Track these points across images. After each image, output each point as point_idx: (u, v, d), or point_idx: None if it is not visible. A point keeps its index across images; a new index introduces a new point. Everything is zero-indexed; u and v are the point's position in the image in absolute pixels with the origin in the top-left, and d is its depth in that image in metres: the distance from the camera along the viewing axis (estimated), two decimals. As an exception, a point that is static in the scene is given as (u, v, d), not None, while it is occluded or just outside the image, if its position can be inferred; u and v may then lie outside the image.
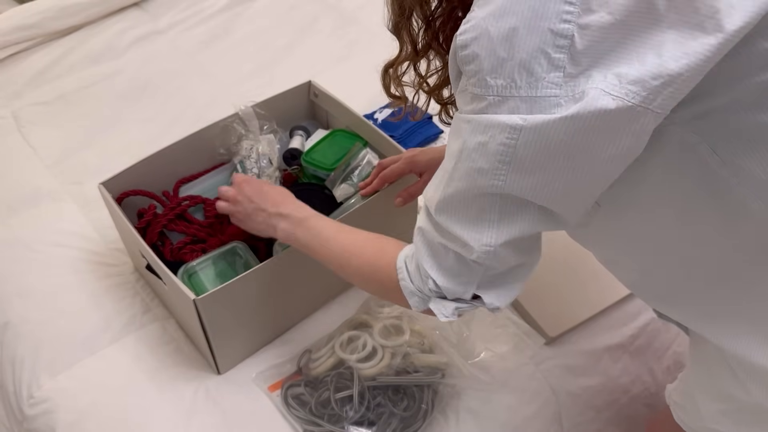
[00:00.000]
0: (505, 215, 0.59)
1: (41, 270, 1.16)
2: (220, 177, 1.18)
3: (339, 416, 0.93)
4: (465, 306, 0.69)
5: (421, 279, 0.69)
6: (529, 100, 0.51)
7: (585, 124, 0.50)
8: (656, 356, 1.13)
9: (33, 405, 1.00)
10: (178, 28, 1.74)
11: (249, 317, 0.99)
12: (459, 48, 0.54)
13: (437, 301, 0.69)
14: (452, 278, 0.67)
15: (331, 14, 1.78)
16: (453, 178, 0.60)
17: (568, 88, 0.50)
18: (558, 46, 0.49)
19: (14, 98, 1.54)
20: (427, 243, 0.67)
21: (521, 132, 0.52)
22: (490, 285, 0.67)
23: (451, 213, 0.62)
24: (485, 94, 0.53)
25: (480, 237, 0.61)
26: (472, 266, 0.64)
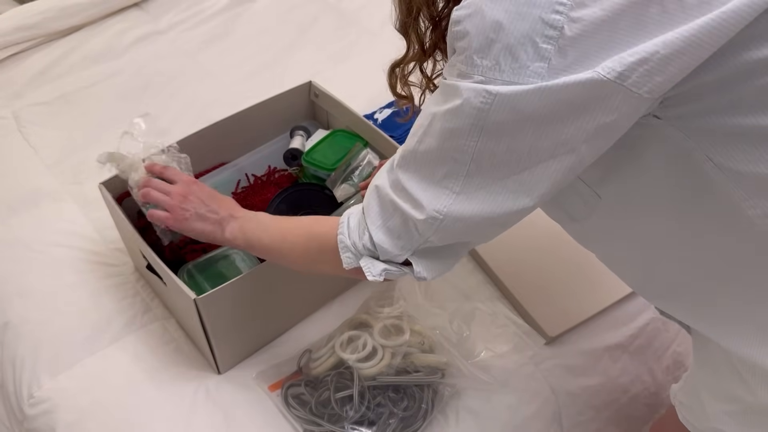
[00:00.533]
0: (467, 189, 0.59)
1: (41, 270, 1.16)
2: (220, 177, 1.18)
3: (339, 416, 0.93)
4: (394, 269, 0.69)
5: (359, 234, 0.69)
6: (510, 83, 0.52)
7: (558, 96, 0.50)
8: (656, 356, 1.13)
9: (33, 405, 1.00)
10: (178, 28, 1.74)
11: (249, 317, 0.99)
12: (453, 23, 0.55)
13: (368, 259, 0.69)
14: (391, 238, 0.66)
15: (331, 14, 1.78)
16: (426, 134, 0.60)
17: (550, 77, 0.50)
18: (546, 36, 0.50)
19: (15, 98, 1.54)
20: (379, 199, 0.67)
21: (496, 97, 0.52)
22: (423, 254, 0.67)
23: (415, 170, 0.62)
24: (471, 72, 0.53)
25: (435, 202, 0.60)
26: (413, 231, 0.64)
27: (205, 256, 1.02)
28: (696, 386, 0.74)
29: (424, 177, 0.61)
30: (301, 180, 1.17)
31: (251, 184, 1.19)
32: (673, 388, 0.80)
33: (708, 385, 0.72)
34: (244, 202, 1.14)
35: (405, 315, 1.05)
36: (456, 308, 1.09)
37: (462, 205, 0.60)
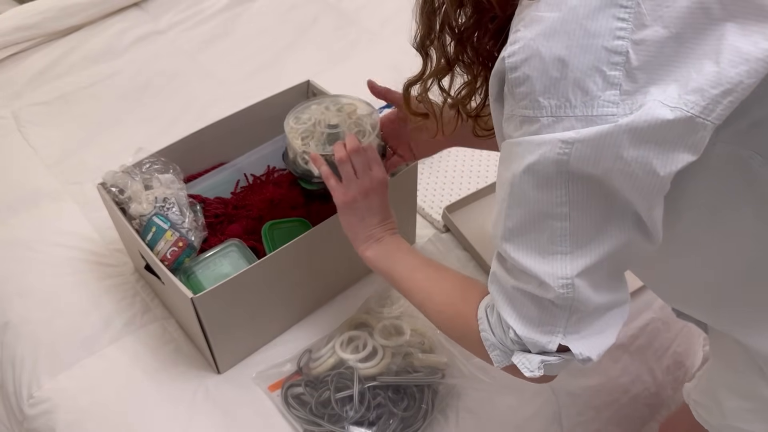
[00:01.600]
0: (576, 241, 0.55)
1: (41, 270, 1.16)
2: (219, 177, 1.18)
3: (339, 416, 0.92)
4: (552, 359, 0.62)
5: (503, 330, 0.64)
6: (584, 119, 0.50)
7: (641, 135, 0.48)
8: (656, 356, 1.13)
9: (33, 405, 1.00)
10: (178, 28, 1.74)
11: (248, 316, 0.99)
12: (509, 70, 0.53)
13: (520, 354, 0.63)
14: (533, 327, 0.61)
15: (331, 14, 1.78)
16: (511, 206, 0.57)
17: (626, 106, 0.49)
18: (613, 63, 0.49)
19: (14, 98, 1.54)
20: (502, 289, 0.63)
21: (573, 145, 0.50)
22: (577, 333, 0.60)
23: (519, 247, 0.58)
24: (538, 115, 0.52)
25: (554, 270, 0.56)
26: (553, 310, 0.59)
27: (203, 256, 1.02)
28: (713, 384, 0.74)
29: (531, 250, 0.57)
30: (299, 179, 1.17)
31: (250, 183, 1.19)
32: (686, 387, 0.80)
33: (727, 382, 0.71)
34: (243, 202, 1.14)
35: (405, 315, 1.05)
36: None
37: (583, 260, 0.55)
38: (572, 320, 0.59)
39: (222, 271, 1.01)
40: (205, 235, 1.04)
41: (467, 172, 1.33)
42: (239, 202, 1.14)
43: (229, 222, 1.10)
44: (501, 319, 0.64)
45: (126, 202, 1.01)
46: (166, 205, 1.00)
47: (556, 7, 0.50)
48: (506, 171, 0.57)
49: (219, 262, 1.02)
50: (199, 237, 1.01)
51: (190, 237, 0.99)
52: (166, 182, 1.02)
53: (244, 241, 1.04)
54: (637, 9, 0.48)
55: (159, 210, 0.99)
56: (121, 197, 1.01)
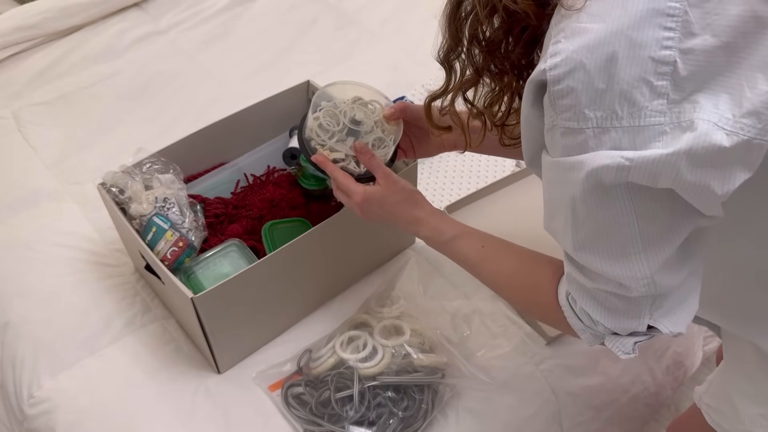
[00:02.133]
0: (648, 241, 0.55)
1: (42, 270, 1.17)
2: (219, 177, 1.18)
3: (339, 416, 0.93)
4: (643, 338, 0.64)
5: (591, 320, 0.65)
6: (631, 131, 0.49)
7: (698, 161, 0.48)
8: (656, 356, 1.13)
9: (33, 405, 1.00)
10: (178, 28, 1.74)
11: (248, 316, 0.99)
12: (551, 83, 0.52)
13: (612, 338, 0.65)
14: (620, 317, 0.63)
15: (331, 14, 1.78)
16: (576, 223, 0.57)
17: (673, 115, 0.48)
18: (660, 74, 0.48)
19: (15, 98, 1.54)
20: (583, 290, 0.64)
21: (630, 169, 0.50)
22: (663, 312, 0.62)
23: (593, 258, 0.59)
24: (583, 127, 0.51)
25: (632, 272, 0.57)
26: (638, 301, 0.61)
27: (203, 256, 1.02)
28: (727, 390, 0.73)
29: (605, 257, 0.58)
30: (299, 179, 1.17)
31: (250, 183, 1.19)
32: (697, 390, 0.80)
33: (742, 389, 0.71)
34: (243, 202, 1.14)
35: (405, 315, 1.05)
36: (456, 308, 1.08)
37: (657, 258, 0.56)
38: (657, 303, 0.61)
39: (222, 271, 1.01)
40: (205, 235, 1.04)
41: (467, 172, 1.33)
42: (239, 202, 1.14)
43: (229, 222, 1.10)
44: (585, 312, 0.65)
45: (126, 202, 1.01)
46: (166, 205, 1.00)
47: (600, 18, 0.49)
48: (560, 192, 0.57)
49: (219, 262, 1.02)
50: (199, 237, 1.02)
51: (191, 237, 0.99)
52: (166, 182, 1.02)
53: (244, 241, 1.04)
54: (684, 17, 0.47)
55: (159, 210, 0.99)
56: (121, 197, 1.01)
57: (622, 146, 0.50)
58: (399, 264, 1.16)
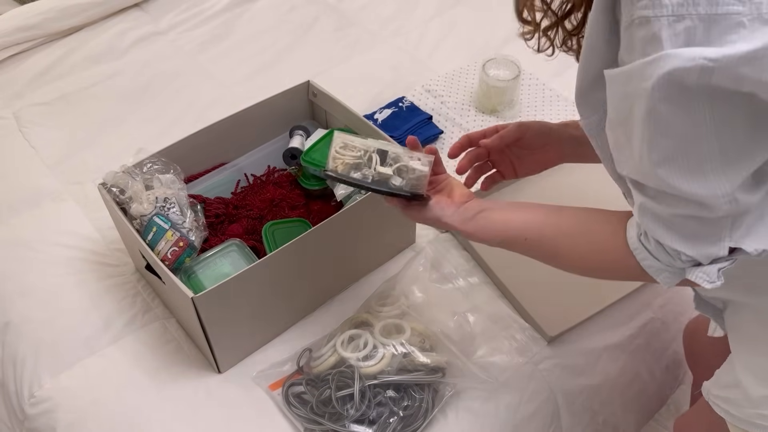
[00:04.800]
0: (727, 156, 0.53)
1: (42, 270, 1.17)
2: (220, 177, 1.18)
3: (340, 415, 0.93)
4: (726, 263, 0.61)
5: (669, 254, 0.62)
6: (707, 19, 0.47)
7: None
8: (655, 356, 1.13)
9: (34, 404, 1.00)
10: (178, 29, 1.75)
11: (248, 315, 0.99)
12: None
13: (694, 270, 0.62)
14: (701, 242, 0.60)
15: (331, 15, 1.79)
16: (653, 138, 0.54)
17: (753, 6, 0.47)
18: None
19: (15, 99, 1.55)
20: (659, 219, 0.61)
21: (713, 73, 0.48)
22: (743, 232, 0.59)
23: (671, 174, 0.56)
24: (659, 14, 0.49)
25: (713, 190, 0.54)
26: (718, 222, 0.58)
27: (203, 256, 1.02)
28: (737, 375, 0.73)
29: (686, 176, 0.55)
30: (299, 179, 1.17)
31: (250, 184, 1.20)
32: (705, 385, 0.79)
33: (752, 371, 0.71)
34: (244, 202, 1.14)
35: (405, 314, 1.05)
36: (456, 307, 1.09)
37: (738, 174, 0.54)
38: (736, 224, 0.58)
39: (222, 270, 1.01)
40: (205, 235, 1.04)
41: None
42: (240, 202, 1.14)
43: (229, 222, 1.11)
44: (662, 245, 0.62)
45: (127, 202, 1.01)
46: (166, 205, 1.00)
47: None
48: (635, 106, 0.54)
49: (219, 262, 1.02)
50: (199, 237, 1.02)
51: (191, 237, 0.99)
52: (166, 182, 1.02)
53: (244, 241, 1.05)
54: None
55: (160, 210, 0.99)
56: (121, 197, 1.02)
57: (696, 39, 0.48)
58: (399, 264, 1.16)
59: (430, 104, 1.48)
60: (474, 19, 1.74)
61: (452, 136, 1.41)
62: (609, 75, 0.57)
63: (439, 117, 1.45)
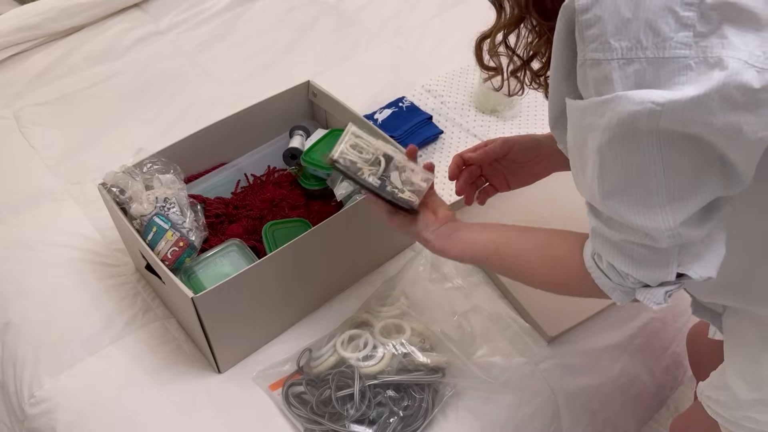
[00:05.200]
0: (673, 193, 0.55)
1: (42, 270, 1.17)
2: (220, 177, 1.18)
3: (340, 414, 0.93)
4: (673, 287, 0.64)
5: (619, 275, 0.65)
6: (655, 62, 0.49)
7: (729, 102, 0.47)
8: (655, 356, 1.13)
9: (34, 404, 1.00)
10: (178, 28, 1.75)
11: (248, 316, 0.99)
12: (579, 12, 0.52)
13: (643, 290, 0.65)
14: (649, 267, 0.62)
15: (331, 15, 1.79)
16: (603, 172, 0.56)
17: (699, 49, 0.48)
18: (686, 4, 0.47)
19: (15, 99, 1.55)
20: (609, 243, 0.63)
21: (660, 117, 0.49)
22: (691, 258, 0.61)
23: (619, 206, 0.58)
24: (609, 57, 0.50)
25: (657, 224, 0.56)
26: (666, 252, 0.60)
27: (203, 256, 1.02)
28: (728, 380, 0.74)
29: (631, 207, 0.57)
30: (299, 179, 1.17)
31: (251, 184, 1.20)
32: (700, 385, 0.80)
33: (742, 375, 0.71)
34: (244, 202, 1.14)
35: (405, 314, 1.05)
36: (456, 307, 1.09)
37: (683, 211, 0.56)
38: (684, 250, 0.60)
39: (222, 270, 1.01)
40: (205, 235, 1.04)
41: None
42: (240, 202, 1.14)
43: (229, 222, 1.11)
44: (613, 267, 0.65)
45: (127, 202, 1.01)
46: (166, 205, 1.00)
47: None
48: (589, 139, 0.56)
49: (219, 262, 1.02)
50: (199, 237, 1.02)
51: (191, 237, 0.99)
52: (166, 182, 1.02)
53: (244, 241, 1.05)
54: None
55: (160, 210, 0.99)
56: (121, 197, 1.02)
57: (646, 80, 0.49)
58: (399, 264, 1.16)
59: (430, 104, 1.48)
60: (474, 19, 1.74)
61: (452, 136, 1.41)
62: (568, 105, 0.58)
63: (439, 117, 1.45)
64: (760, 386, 0.69)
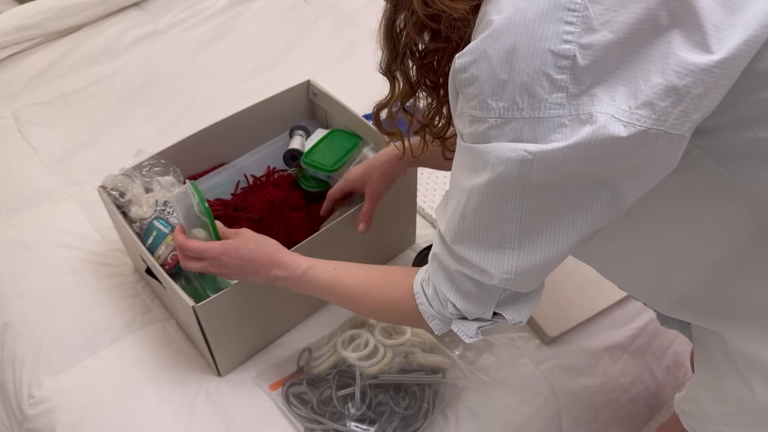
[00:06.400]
0: (526, 243, 0.58)
1: (41, 270, 1.16)
2: (219, 178, 1.18)
3: (341, 414, 0.93)
4: (487, 324, 0.69)
5: (440, 303, 0.69)
6: (531, 122, 0.50)
7: (598, 151, 0.49)
8: (656, 356, 1.13)
9: (33, 405, 1.00)
10: (177, 28, 1.74)
11: (249, 322, 0.99)
12: (458, 71, 0.53)
13: (458, 322, 0.70)
14: (471, 300, 0.67)
15: (331, 14, 1.78)
16: (466, 211, 0.59)
17: (572, 108, 0.49)
18: (560, 67, 0.49)
19: (14, 98, 1.54)
20: (444, 269, 0.67)
21: (533, 165, 0.51)
22: (509, 302, 0.67)
23: (469, 243, 0.61)
24: (486, 116, 0.52)
25: (501, 265, 0.60)
26: (491, 289, 0.65)
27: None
28: (697, 392, 0.74)
29: (479, 246, 0.60)
30: (300, 180, 1.17)
31: (250, 184, 1.19)
32: (676, 397, 0.80)
33: (709, 388, 0.72)
34: (243, 203, 1.14)
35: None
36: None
37: (527, 259, 0.59)
38: (505, 295, 0.66)
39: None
40: (205, 237, 1.04)
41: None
42: (239, 204, 1.14)
43: (229, 224, 1.10)
44: (438, 293, 0.69)
45: (126, 205, 1.01)
46: (166, 208, 1.00)
47: (506, 10, 0.50)
48: (464, 176, 0.58)
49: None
50: (199, 239, 1.01)
51: (191, 239, 0.99)
52: (166, 185, 1.02)
53: (244, 241, 1.04)
54: (585, 13, 0.48)
55: (159, 214, 0.99)
56: (121, 200, 1.01)
57: (523, 137, 0.51)
58: (399, 264, 1.16)
59: (430, 104, 1.47)
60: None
61: (452, 136, 1.41)
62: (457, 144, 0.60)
63: (439, 117, 1.45)
64: (726, 401, 0.68)
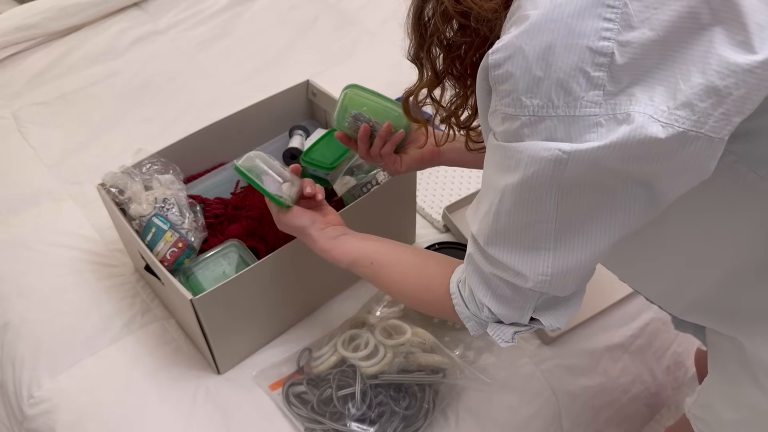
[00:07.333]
0: (562, 243, 0.57)
1: (41, 270, 1.16)
2: (219, 177, 1.18)
3: (341, 413, 0.93)
4: (523, 329, 0.68)
5: (476, 306, 0.68)
6: (566, 120, 0.49)
7: (635, 152, 0.48)
8: (656, 356, 1.13)
9: (33, 405, 1.00)
10: (177, 28, 1.74)
11: (248, 316, 0.99)
12: (492, 67, 0.52)
13: (494, 326, 0.68)
14: (507, 305, 0.65)
15: (331, 14, 1.78)
16: (500, 212, 0.58)
17: (608, 107, 0.48)
18: (597, 64, 0.48)
19: (14, 98, 1.54)
20: (479, 273, 0.66)
21: (567, 165, 0.50)
22: (547, 306, 0.65)
23: (503, 244, 0.60)
24: (520, 114, 0.51)
25: (536, 267, 0.58)
26: (527, 293, 0.63)
27: (203, 256, 1.02)
28: (710, 398, 0.74)
29: (514, 248, 0.59)
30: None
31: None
32: (686, 401, 0.80)
33: (723, 393, 0.71)
34: (243, 202, 1.14)
35: (406, 314, 1.05)
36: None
37: (563, 260, 0.58)
38: (543, 299, 0.64)
39: (221, 271, 1.01)
40: (204, 236, 1.04)
41: (467, 172, 1.33)
42: (239, 203, 1.14)
43: (228, 222, 1.10)
44: (474, 296, 0.68)
45: (126, 202, 1.01)
46: (165, 205, 1.00)
47: (543, 5, 0.49)
48: (496, 177, 0.57)
49: (219, 263, 1.02)
50: (198, 238, 1.01)
51: (190, 238, 0.99)
52: (165, 183, 1.02)
53: (244, 241, 1.04)
54: (624, 9, 0.47)
55: (159, 211, 0.99)
56: (121, 198, 1.01)
57: (557, 136, 0.50)
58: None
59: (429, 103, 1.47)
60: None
61: (452, 136, 1.41)
62: (488, 142, 0.60)
63: (439, 116, 1.45)
64: (740, 408, 0.68)
